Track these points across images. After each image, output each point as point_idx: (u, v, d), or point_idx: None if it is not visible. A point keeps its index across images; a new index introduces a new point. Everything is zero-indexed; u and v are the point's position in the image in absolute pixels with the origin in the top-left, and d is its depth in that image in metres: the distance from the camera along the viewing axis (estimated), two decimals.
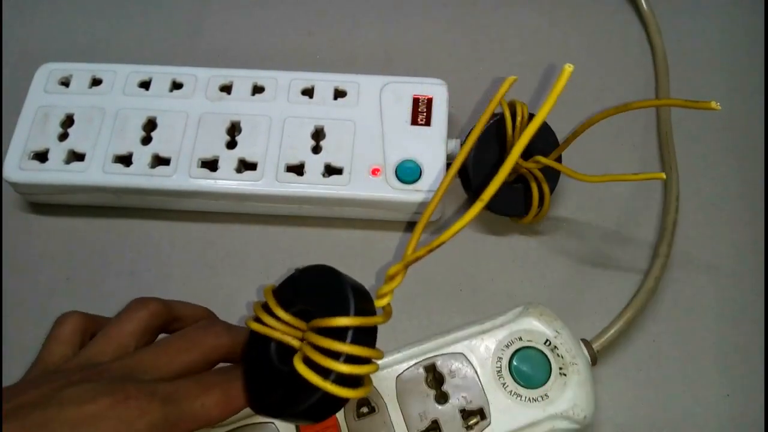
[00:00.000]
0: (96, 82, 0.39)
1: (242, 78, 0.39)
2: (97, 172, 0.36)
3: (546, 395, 0.30)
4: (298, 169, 0.36)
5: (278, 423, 0.29)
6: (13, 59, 0.44)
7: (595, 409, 0.30)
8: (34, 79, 0.39)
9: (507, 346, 0.31)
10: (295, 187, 0.36)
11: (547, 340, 0.31)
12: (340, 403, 0.22)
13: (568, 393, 0.30)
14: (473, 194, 0.37)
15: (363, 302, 0.23)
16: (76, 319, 0.26)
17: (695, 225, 0.38)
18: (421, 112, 0.37)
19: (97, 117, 0.38)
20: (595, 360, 0.32)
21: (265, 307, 0.24)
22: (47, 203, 0.39)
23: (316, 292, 0.24)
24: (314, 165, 0.36)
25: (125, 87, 0.39)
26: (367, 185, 0.36)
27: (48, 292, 0.37)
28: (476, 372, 0.31)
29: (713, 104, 0.27)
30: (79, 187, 0.37)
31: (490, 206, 0.37)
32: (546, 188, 0.35)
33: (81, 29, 0.45)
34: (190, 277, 0.37)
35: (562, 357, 0.31)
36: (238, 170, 0.36)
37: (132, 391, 0.22)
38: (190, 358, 0.25)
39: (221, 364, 0.26)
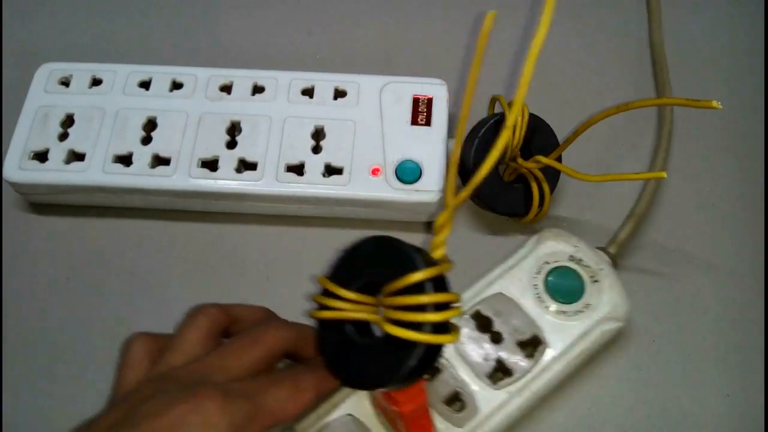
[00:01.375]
0: (96, 82, 0.39)
1: (242, 78, 0.39)
2: (97, 172, 0.36)
3: (587, 304, 0.32)
4: (298, 169, 0.36)
5: (355, 411, 0.29)
6: (13, 59, 0.44)
7: (630, 303, 0.32)
8: (34, 79, 0.39)
9: (538, 273, 0.33)
10: (295, 187, 0.36)
11: (570, 256, 0.33)
12: (437, 353, 0.23)
13: (605, 296, 0.32)
14: (473, 194, 0.37)
15: (425, 256, 0.23)
16: (142, 341, 0.27)
17: (695, 225, 0.38)
18: (421, 112, 0.37)
19: (97, 117, 0.38)
20: (615, 262, 0.34)
21: (327, 294, 0.25)
22: (47, 203, 0.39)
23: (375, 262, 0.24)
24: (314, 165, 0.36)
25: (125, 87, 0.39)
26: (367, 185, 0.36)
27: (48, 292, 0.37)
28: (519, 305, 0.32)
29: (714, 103, 0.27)
30: (79, 187, 0.37)
31: (490, 206, 0.37)
32: (546, 188, 0.35)
33: (81, 29, 0.45)
34: (190, 277, 0.37)
35: (589, 267, 0.33)
36: (238, 170, 0.36)
37: (207, 393, 0.23)
38: (256, 354, 0.26)
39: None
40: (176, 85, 0.39)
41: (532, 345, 0.31)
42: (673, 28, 0.44)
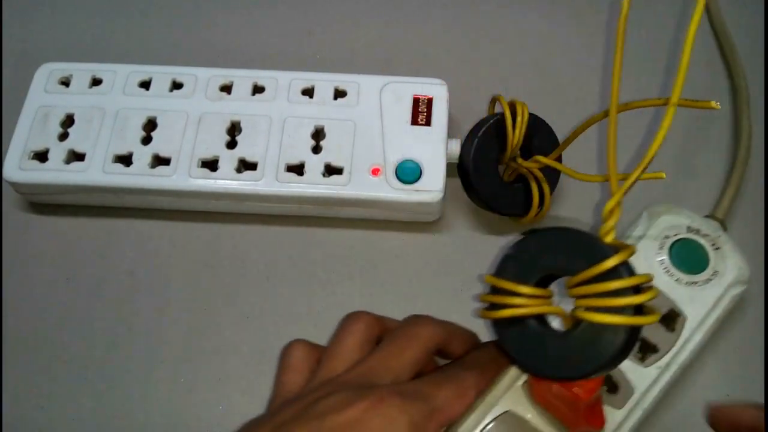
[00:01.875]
0: (96, 82, 0.39)
1: (242, 78, 0.39)
2: (97, 172, 0.36)
3: (715, 271, 0.32)
4: (298, 169, 0.36)
5: (513, 407, 0.28)
6: (13, 59, 0.44)
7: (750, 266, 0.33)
8: (34, 79, 0.39)
9: (661, 248, 0.33)
10: (295, 187, 0.36)
11: (687, 227, 0.33)
12: (637, 336, 0.24)
13: (729, 261, 0.33)
14: (473, 194, 0.37)
15: (605, 241, 0.24)
16: (300, 347, 0.28)
17: None
18: (421, 112, 0.37)
19: (97, 117, 0.38)
20: (725, 227, 0.35)
21: (499, 292, 0.25)
22: (47, 203, 0.39)
23: (552, 255, 0.25)
24: (314, 165, 0.36)
25: (125, 87, 0.39)
26: (367, 185, 0.36)
27: (48, 292, 0.37)
28: None
29: (713, 104, 0.27)
30: (79, 187, 0.37)
31: (490, 206, 0.37)
32: (546, 188, 0.35)
33: (81, 29, 0.45)
34: (190, 277, 0.37)
35: (708, 235, 0.33)
36: (238, 170, 0.36)
37: (384, 392, 0.24)
38: (414, 353, 0.26)
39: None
40: (176, 85, 0.39)
41: (671, 319, 0.32)
42: (673, 27, 0.44)
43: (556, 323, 0.26)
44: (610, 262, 0.23)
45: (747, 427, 0.27)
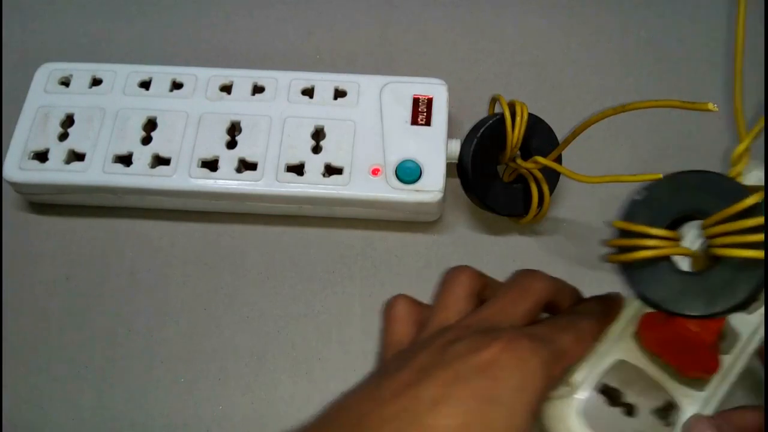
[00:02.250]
0: (96, 82, 0.39)
1: (242, 78, 0.39)
2: (97, 172, 0.36)
3: None
4: (298, 169, 0.36)
5: (626, 356, 0.29)
6: (13, 59, 0.44)
7: None
8: (34, 79, 0.39)
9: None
10: (295, 187, 0.36)
11: None
12: None
13: None
14: (472, 194, 0.37)
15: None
16: (404, 301, 0.28)
17: None
18: (421, 112, 0.37)
19: (97, 117, 0.38)
20: None
21: (632, 236, 0.26)
22: (47, 203, 0.39)
23: (686, 196, 0.26)
24: (314, 165, 0.36)
25: (125, 87, 0.39)
26: (367, 185, 0.36)
27: (48, 292, 0.37)
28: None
29: (710, 106, 0.28)
30: (79, 187, 0.37)
31: (489, 206, 0.37)
32: (546, 188, 0.35)
33: (81, 29, 0.45)
34: (190, 277, 0.37)
35: None
36: (238, 170, 0.36)
37: (512, 335, 0.24)
38: (528, 305, 0.27)
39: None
40: (176, 85, 0.39)
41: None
42: (673, 28, 0.44)
43: (684, 265, 0.26)
44: (750, 200, 0.24)
45: (753, 429, 0.27)
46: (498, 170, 0.37)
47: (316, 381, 0.35)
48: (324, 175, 0.36)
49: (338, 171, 0.36)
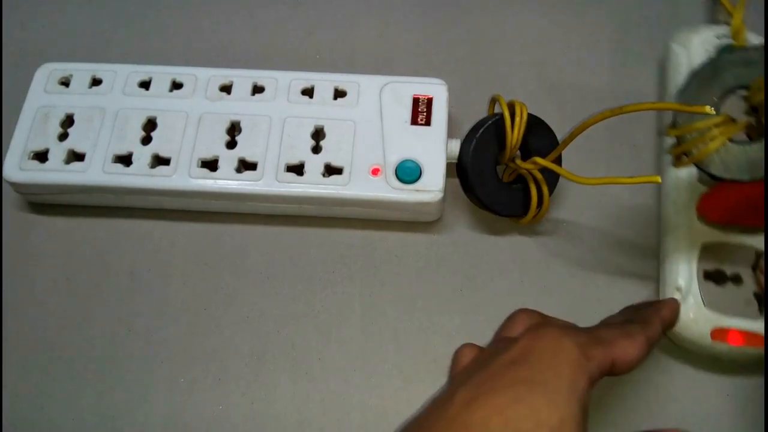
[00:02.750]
0: (96, 82, 0.39)
1: (242, 78, 0.39)
2: (97, 172, 0.36)
3: None
4: (298, 169, 0.36)
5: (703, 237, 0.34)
6: (13, 59, 0.44)
7: None
8: (34, 79, 0.39)
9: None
10: (295, 187, 0.36)
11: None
12: None
13: None
14: (471, 194, 0.37)
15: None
16: (468, 345, 0.30)
17: None
18: (421, 112, 0.37)
19: (97, 117, 0.38)
20: None
21: (688, 135, 0.30)
22: (47, 203, 0.39)
23: (721, 80, 0.30)
24: (314, 165, 0.36)
25: (125, 87, 0.39)
26: (367, 185, 0.36)
27: (48, 292, 0.37)
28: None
29: (707, 109, 0.28)
30: (79, 187, 0.37)
31: (488, 206, 0.37)
32: (545, 189, 0.35)
33: (81, 29, 0.45)
34: (190, 277, 0.37)
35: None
36: (238, 170, 0.36)
37: (541, 327, 0.27)
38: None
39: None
40: (176, 85, 0.39)
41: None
42: (673, 28, 0.44)
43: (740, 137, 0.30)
44: None
45: None
46: (498, 170, 0.37)
47: (316, 381, 0.35)
48: (324, 175, 0.36)
49: (338, 171, 0.36)
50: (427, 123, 0.37)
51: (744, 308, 0.33)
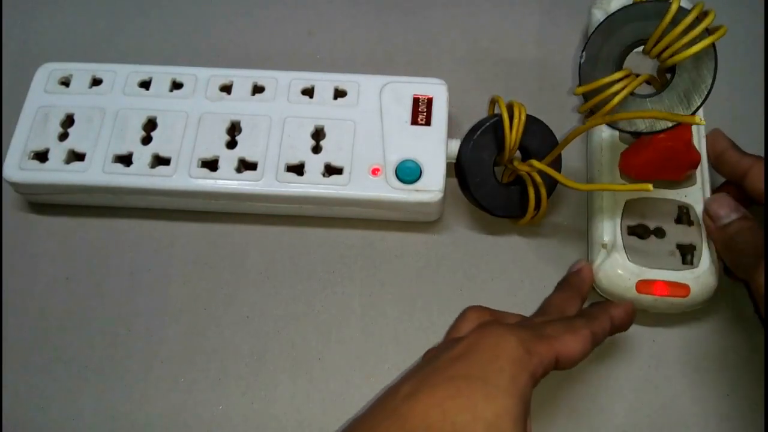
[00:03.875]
0: (96, 82, 0.39)
1: (242, 78, 0.39)
2: (97, 172, 0.36)
3: None
4: (298, 169, 0.36)
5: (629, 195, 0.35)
6: (13, 59, 0.44)
7: None
8: (34, 79, 0.39)
9: None
10: (295, 187, 0.36)
11: None
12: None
13: None
14: (468, 195, 0.37)
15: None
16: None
17: None
18: (421, 112, 0.37)
19: (97, 117, 0.38)
20: None
21: (598, 91, 0.31)
22: (47, 203, 0.39)
23: (619, 37, 0.31)
24: (314, 165, 0.36)
25: (125, 87, 0.39)
26: (367, 185, 0.36)
27: (48, 292, 0.37)
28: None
29: (697, 119, 0.29)
30: (79, 187, 0.37)
31: (487, 207, 0.37)
32: (543, 191, 0.35)
33: (81, 29, 0.45)
34: (190, 277, 0.37)
35: None
36: (238, 170, 0.36)
37: (485, 324, 0.28)
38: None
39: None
40: (176, 85, 0.39)
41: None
42: None
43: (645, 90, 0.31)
44: (675, 5, 0.28)
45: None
46: (497, 171, 0.37)
47: (316, 381, 0.35)
48: (324, 175, 0.36)
49: (338, 171, 0.36)
50: (427, 123, 0.37)
51: (667, 259, 0.34)
